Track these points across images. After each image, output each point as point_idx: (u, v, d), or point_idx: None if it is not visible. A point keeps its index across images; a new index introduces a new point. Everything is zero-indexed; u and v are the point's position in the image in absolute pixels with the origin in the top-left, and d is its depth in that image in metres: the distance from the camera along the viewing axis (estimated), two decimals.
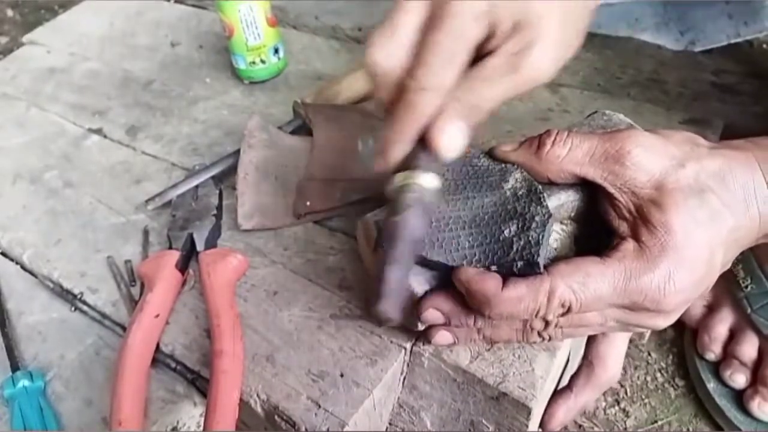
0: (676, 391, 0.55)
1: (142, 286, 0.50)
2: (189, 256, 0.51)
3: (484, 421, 0.42)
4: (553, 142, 0.37)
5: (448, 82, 0.35)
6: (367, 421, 0.42)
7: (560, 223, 0.40)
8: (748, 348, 0.55)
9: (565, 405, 0.42)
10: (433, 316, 0.38)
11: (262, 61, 0.70)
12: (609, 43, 0.71)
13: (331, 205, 0.53)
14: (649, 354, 0.59)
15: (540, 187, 0.38)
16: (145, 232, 0.55)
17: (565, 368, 0.45)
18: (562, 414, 0.42)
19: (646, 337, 0.59)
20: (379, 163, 0.37)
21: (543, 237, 0.36)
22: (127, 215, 0.58)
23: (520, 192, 0.38)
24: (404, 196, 0.35)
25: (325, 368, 0.42)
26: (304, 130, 0.62)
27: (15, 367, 0.47)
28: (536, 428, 0.43)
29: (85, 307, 0.50)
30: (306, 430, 0.39)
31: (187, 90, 0.73)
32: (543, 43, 0.36)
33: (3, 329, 0.50)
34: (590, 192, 0.39)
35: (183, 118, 0.69)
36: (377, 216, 0.41)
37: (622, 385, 0.52)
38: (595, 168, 0.36)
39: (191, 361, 0.45)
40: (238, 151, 0.58)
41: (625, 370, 0.56)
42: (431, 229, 0.38)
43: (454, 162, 0.39)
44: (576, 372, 0.43)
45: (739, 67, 0.66)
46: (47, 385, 0.47)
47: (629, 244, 0.35)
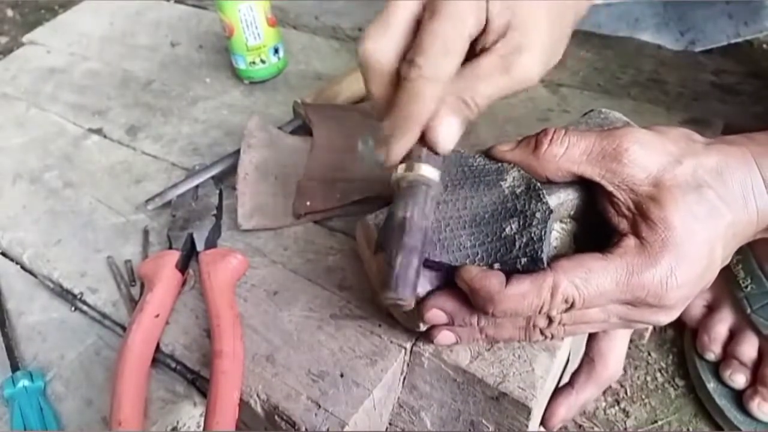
0: (676, 391, 0.55)
1: (142, 286, 0.50)
2: (189, 256, 0.51)
3: (484, 421, 0.42)
4: (550, 141, 0.37)
5: (449, 72, 0.35)
6: (367, 421, 0.42)
7: (560, 221, 0.40)
8: (748, 348, 0.55)
9: (566, 402, 0.42)
10: (436, 316, 0.38)
11: (262, 61, 0.70)
12: (609, 43, 0.71)
13: (331, 205, 0.53)
14: (649, 354, 0.59)
15: (539, 184, 0.38)
16: (145, 232, 0.55)
17: (565, 368, 0.45)
18: (563, 411, 0.43)
19: (647, 337, 0.59)
20: (384, 158, 0.37)
21: (545, 233, 0.36)
22: (127, 215, 0.58)
23: (519, 190, 0.38)
24: (409, 184, 0.35)
25: (325, 368, 0.42)
26: (304, 130, 0.62)
27: (15, 367, 0.47)
28: (536, 428, 0.43)
29: (85, 307, 0.50)
30: (306, 430, 0.39)
31: (187, 90, 0.73)
32: (533, 46, 0.36)
33: (3, 329, 0.50)
34: (589, 190, 0.39)
35: (183, 118, 0.69)
36: (377, 218, 0.41)
37: (622, 385, 0.52)
38: (592, 166, 0.37)
39: (191, 361, 0.45)
40: (238, 151, 0.58)
41: (625, 370, 0.56)
42: (432, 230, 0.38)
43: (450, 162, 0.39)
44: (577, 369, 0.43)
45: (740, 67, 0.66)
46: (47, 385, 0.47)
47: (630, 241, 0.35)
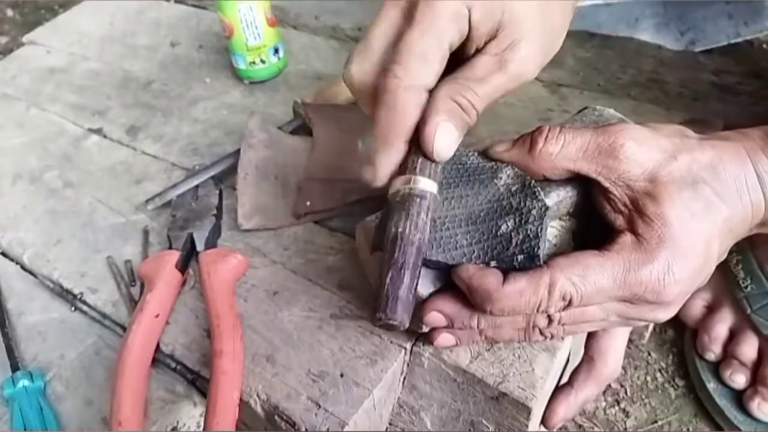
0: (676, 392, 0.55)
1: (142, 286, 0.50)
2: (189, 256, 0.51)
3: (484, 421, 0.42)
4: (546, 139, 0.37)
5: (428, 80, 0.35)
6: (367, 421, 0.42)
7: (559, 219, 0.40)
8: (748, 348, 0.55)
9: (566, 401, 0.43)
10: (436, 318, 0.38)
11: (262, 61, 0.70)
12: (609, 43, 0.71)
13: (331, 205, 0.53)
14: (649, 354, 0.59)
15: (534, 182, 0.38)
16: (145, 232, 0.55)
17: (565, 367, 0.45)
18: (563, 410, 0.43)
19: (647, 337, 0.59)
20: (367, 173, 0.37)
21: (541, 230, 0.36)
22: (127, 215, 0.58)
23: (514, 188, 0.38)
24: (405, 201, 0.35)
25: (325, 368, 0.42)
26: (304, 130, 0.62)
27: (15, 367, 0.47)
28: (536, 428, 0.43)
29: (85, 307, 0.50)
30: (306, 430, 0.39)
31: (187, 90, 0.73)
32: (526, 42, 0.36)
33: (3, 329, 0.50)
34: (586, 187, 0.39)
35: (183, 118, 0.69)
36: (377, 219, 0.41)
37: (622, 385, 0.52)
38: (588, 163, 0.37)
39: (191, 361, 0.45)
40: (238, 151, 0.58)
41: (625, 371, 0.56)
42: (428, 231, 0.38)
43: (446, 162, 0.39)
44: (576, 368, 0.43)
45: (739, 67, 0.66)
46: (47, 385, 0.47)
47: (627, 237, 0.35)
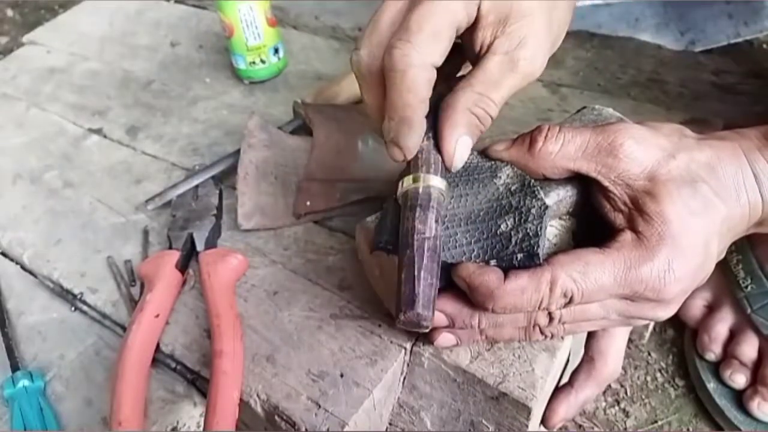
0: (676, 391, 0.55)
1: (142, 286, 0.50)
2: (189, 256, 0.51)
3: (484, 421, 0.42)
4: (545, 138, 0.37)
5: (434, 59, 0.35)
6: (367, 421, 0.42)
7: (559, 218, 0.40)
8: (748, 348, 0.55)
9: (566, 401, 0.43)
10: (437, 318, 0.38)
11: (262, 61, 0.70)
12: (609, 43, 0.71)
13: (331, 205, 0.53)
14: (650, 354, 0.59)
15: (533, 181, 0.38)
16: (145, 232, 0.55)
17: (565, 368, 0.45)
18: (563, 410, 0.43)
19: (647, 337, 0.59)
20: (397, 154, 0.37)
21: (541, 228, 0.36)
22: (127, 215, 0.58)
23: (513, 187, 0.38)
24: (416, 199, 0.35)
25: (325, 368, 0.42)
26: (304, 130, 0.62)
27: (15, 367, 0.47)
28: (536, 428, 0.43)
29: (85, 307, 0.50)
30: (306, 430, 0.39)
31: (187, 90, 0.73)
32: (534, 38, 0.37)
33: (3, 329, 0.50)
34: (586, 186, 0.39)
35: (183, 118, 0.69)
36: (377, 220, 0.41)
37: (622, 385, 0.52)
38: (588, 162, 0.37)
39: (191, 361, 0.45)
40: (238, 151, 0.58)
41: (625, 371, 0.56)
42: None
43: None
44: (577, 368, 0.43)
45: (739, 67, 0.66)
46: (47, 385, 0.47)
47: (627, 235, 0.35)
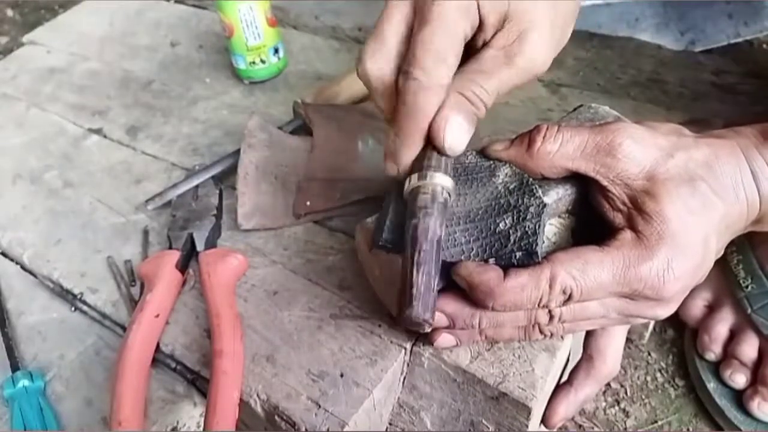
0: (676, 391, 0.55)
1: (142, 286, 0.50)
2: (189, 256, 0.51)
3: (484, 421, 0.42)
4: (544, 138, 0.37)
5: (445, 80, 0.36)
6: (367, 421, 0.42)
7: (558, 217, 0.40)
8: (748, 348, 0.55)
9: (566, 400, 0.43)
10: (437, 318, 0.38)
11: (262, 61, 0.70)
12: (609, 42, 0.71)
13: (331, 205, 0.53)
14: (650, 354, 0.59)
15: (531, 180, 0.38)
16: (145, 232, 0.55)
17: (564, 367, 0.45)
18: (562, 409, 0.43)
19: (647, 337, 0.59)
20: (391, 169, 0.38)
21: (539, 227, 0.36)
22: (127, 215, 0.58)
23: (512, 186, 0.38)
24: (421, 197, 0.35)
25: (325, 368, 0.42)
26: (304, 130, 0.62)
27: (15, 367, 0.47)
28: (537, 428, 0.43)
29: (85, 307, 0.50)
30: (306, 430, 0.39)
31: (187, 90, 0.73)
32: (534, 33, 0.37)
33: (3, 329, 0.50)
34: (585, 185, 0.39)
35: (183, 118, 0.69)
36: (378, 223, 0.41)
37: (622, 385, 0.52)
38: (587, 161, 0.37)
39: (191, 361, 0.45)
40: (238, 151, 0.58)
41: (625, 371, 0.56)
42: None
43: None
44: (575, 367, 0.44)
45: (739, 67, 0.66)
46: (47, 385, 0.47)
47: (627, 234, 0.35)
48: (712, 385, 0.55)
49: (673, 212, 0.35)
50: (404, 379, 0.44)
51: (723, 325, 0.56)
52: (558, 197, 0.39)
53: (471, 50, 0.38)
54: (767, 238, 0.51)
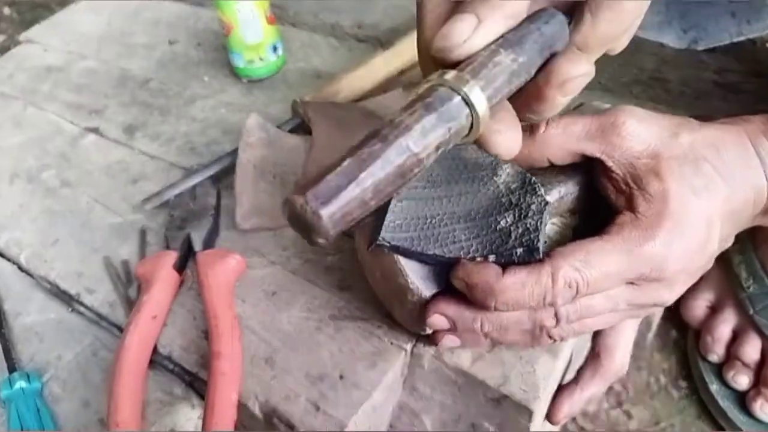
0: (679, 393, 0.55)
1: (140, 286, 0.50)
2: (187, 257, 0.51)
3: (485, 423, 0.42)
4: (547, 123, 0.37)
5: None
6: (367, 423, 0.41)
7: (560, 216, 0.40)
8: (751, 349, 0.54)
9: (571, 398, 0.42)
10: (439, 321, 0.37)
11: (261, 59, 0.70)
12: None
13: None
14: (652, 356, 0.58)
15: (534, 179, 0.38)
16: (143, 232, 0.55)
17: (567, 367, 0.45)
18: (567, 407, 0.42)
19: (649, 339, 0.59)
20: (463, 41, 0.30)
21: (541, 224, 0.36)
22: (124, 215, 0.57)
23: (513, 185, 0.38)
24: (439, 101, 0.27)
25: (325, 370, 0.42)
26: (303, 128, 0.62)
27: (12, 368, 0.47)
28: (539, 429, 0.42)
29: (82, 308, 0.50)
30: None
31: (184, 88, 0.73)
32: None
33: (0, 330, 0.50)
34: (587, 180, 0.39)
35: (181, 116, 0.69)
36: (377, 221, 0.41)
37: (624, 387, 0.52)
38: (591, 142, 0.37)
39: (189, 362, 0.45)
40: (237, 151, 0.57)
41: (628, 372, 0.55)
42: (425, 226, 0.37)
43: (442, 156, 0.35)
44: (583, 365, 0.43)
45: (742, 66, 0.66)
46: (44, 387, 0.46)
47: (626, 216, 0.35)
48: (714, 387, 0.55)
49: (676, 191, 0.34)
50: (404, 380, 0.44)
51: (726, 326, 0.56)
52: (560, 196, 0.38)
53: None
54: None
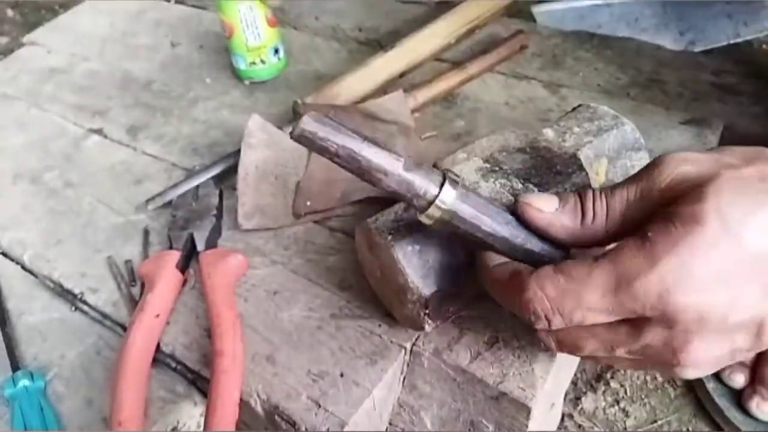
0: (676, 391, 0.55)
1: (143, 286, 0.50)
2: (189, 256, 0.51)
3: (483, 420, 0.42)
4: (594, 207, 0.32)
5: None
6: (367, 420, 0.42)
7: None
8: None
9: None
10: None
11: (262, 62, 0.71)
12: (609, 43, 0.71)
13: (331, 205, 0.53)
14: None
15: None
16: (146, 232, 0.55)
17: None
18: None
19: None
20: None
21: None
22: (127, 215, 0.58)
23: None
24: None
25: (325, 368, 0.42)
26: None
27: (15, 366, 0.47)
28: (536, 428, 0.43)
29: (86, 307, 0.50)
30: (306, 430, 0.39)
31: (187, 90, 0.73)
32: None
33: (4, 329, 0.50)
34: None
35: (183, 118, 0.69)
36: (377, 221, 0.41)
37: (621, 385, 0.52)
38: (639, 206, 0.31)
39: (191, 361, 0.45)
40: (239, 151, 0.58)
41: (625, 371, 0.56)
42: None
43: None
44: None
45: (739, 68, 0.66)
46: (48, 385, 0.47)
47: (629, 241, 0.29)
48: (711, 385, 0.55)
49: (712, 217, 0.27)
50: (404, 378, 0.44)
51: None
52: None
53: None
54: None
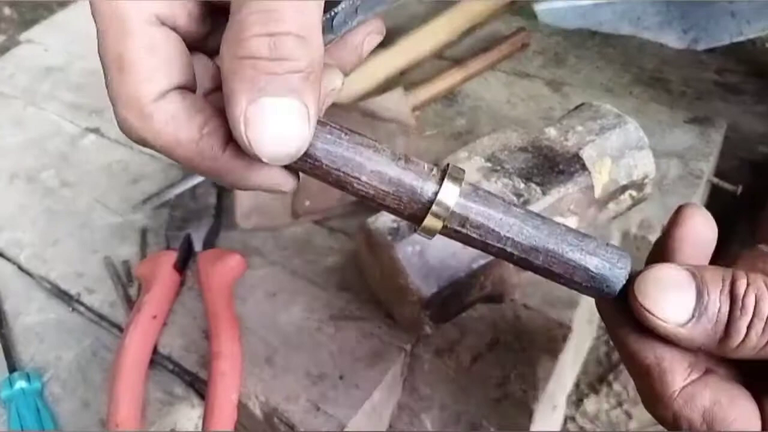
0: None
1: (140, 286, 0.50)
2: (187, 257, 0.51)
3: (485, 423, 0.42)
4: (749, 326, 0.24)
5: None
6: (367, 423, 0.41)
7: (561, 216, 0.40)
8: None
9: None
10: None
11: None
12: (611, 41, 0.71)
13: (330, 205, 0.53)
14: None
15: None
16: (143, 232, 0.55)
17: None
18: None
19: None
20: None
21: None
22: (124, 215, 0.57)
23: None
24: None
25: (325, 370, 0.42)
26: None
27: (12, 368, 0.47)
28: (538, 430, 0.42)
29: (83, 308, 0.50)
30: None
31: None
32: None
33: (0, 330, 0.50)
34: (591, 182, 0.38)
35: None
36: (377, 220, 0.41)
37: (624, 388, 0.52)
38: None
39: (189, 362, 0.45)
40: None
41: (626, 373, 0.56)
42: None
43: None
44: None
45: (742, 66, 0.66)
46: (44, 387, 0.46)
47: None
48: None
49: None
50: (404, 380, 0.44)
51: None
52: (560, 196, 0.39)
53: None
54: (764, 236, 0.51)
